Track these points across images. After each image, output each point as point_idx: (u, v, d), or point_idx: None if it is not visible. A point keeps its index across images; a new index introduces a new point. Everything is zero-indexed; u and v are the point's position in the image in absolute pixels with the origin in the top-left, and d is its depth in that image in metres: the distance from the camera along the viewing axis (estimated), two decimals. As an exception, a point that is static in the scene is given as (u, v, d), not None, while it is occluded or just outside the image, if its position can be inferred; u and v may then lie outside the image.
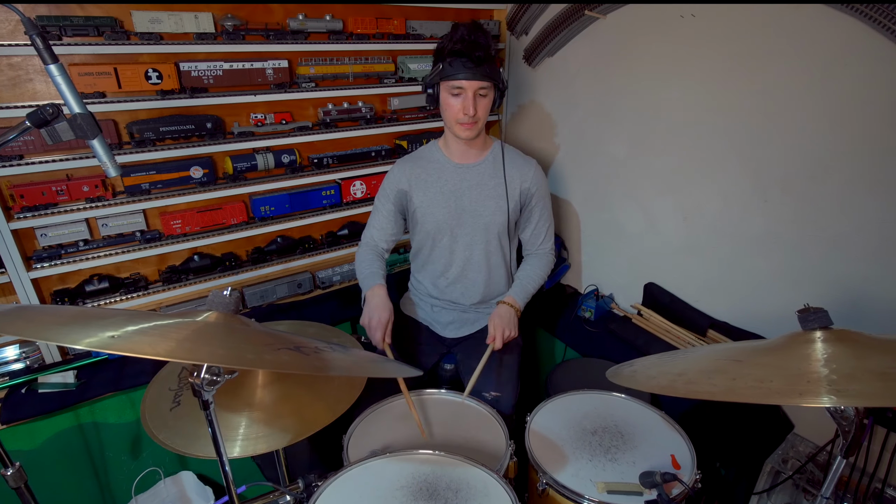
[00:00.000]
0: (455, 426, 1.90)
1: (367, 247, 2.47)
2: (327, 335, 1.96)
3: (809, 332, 1.20)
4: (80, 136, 1.35)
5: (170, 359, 0.96)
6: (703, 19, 2.20)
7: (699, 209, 2.42)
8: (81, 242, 2.32)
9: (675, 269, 2.61)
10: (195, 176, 2.48)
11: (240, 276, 2.73)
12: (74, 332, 0.99)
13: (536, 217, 2.42)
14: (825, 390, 0.98)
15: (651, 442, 1.80)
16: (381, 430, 1.89)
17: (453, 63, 2.07)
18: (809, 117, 1.96)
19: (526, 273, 2.42)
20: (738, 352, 1.27)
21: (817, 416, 2.06)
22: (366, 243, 2.49)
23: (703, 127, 2.31)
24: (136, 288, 2.49)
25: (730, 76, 2.16)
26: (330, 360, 1.27)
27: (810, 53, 1.91)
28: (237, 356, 1.06)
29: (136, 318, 1.11)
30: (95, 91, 2.18)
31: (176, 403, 1.56)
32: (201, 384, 1.11)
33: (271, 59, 2.53)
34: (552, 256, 2.53)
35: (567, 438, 1.82)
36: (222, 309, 1.24)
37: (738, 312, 2.37)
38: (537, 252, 2.49)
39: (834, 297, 2.00)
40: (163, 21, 2.24)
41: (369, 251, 2.44)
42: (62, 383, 2.21)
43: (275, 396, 1.58)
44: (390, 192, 2.39)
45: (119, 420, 2.34)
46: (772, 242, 2.18)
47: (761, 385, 1.05)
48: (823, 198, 1.99)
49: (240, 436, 1.47)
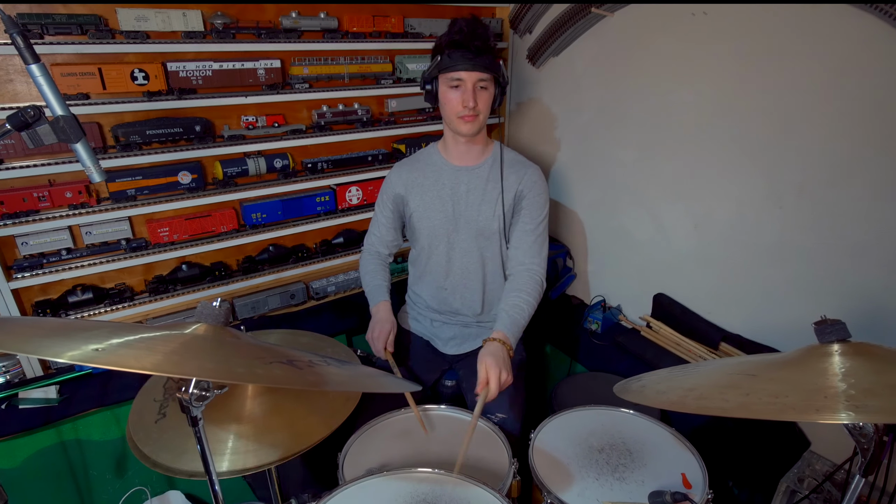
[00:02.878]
0: (456, 443, 1.88)
1: (370, 254, 2.50)
2: (321, 345, 1.96)
3: (826, 345, 1.20)
4: (62, 139, 1.35)
5: (157, 373, 0.97)
6: (716, 17, 2.21)
7: (711, 216, 2.43)
8: (64, 251, 2.33)
9: (685, 279, 2.62)
10: (183, 181, 2.48)
11: (230, 287, 2.74)
12: (57, 345, 0.98)
13: (522, 222, 2.28)
14: (843, 406, 0.97)
15: (661, 460, 1.79)
16: (379, 447, 1.88)
17: (452, 55, 2.08)
18: (827, 119, 1.97)
19: (513, 303, 2.17)
20: (751, 366, 1.27)
21: (835, 433, 2.05)
22: (367, 250, 2.52)
23: (715, 130, 2.32)
24: (121, 299, 2.49)
25: (743, 76, 2.17)
26: (325, 374, 1.27)
27: (828, 52, 1.92)
28: (227, 370, 1.06)
29: (121, 330, 1.11)
30: (79, 92, 2.19)
31: (161, 415, 1.56)
32: (190, 400, 1.11)
33: (263, 58, 2.54)
34: (537, 276, 2.26)
35: (573, 456, 1.82)
36: (211, 321, 1.24)
37: (752, 324, 2.38)
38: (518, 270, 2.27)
39: (852, 308, 2.00)
40: (149, 19, 2.25)
41: (372, 259, 2.48)
42: (44, 399, 2.21)
43: (265, 409, 1.57)
44: (388, 198, 2.40)
45: (103, 437, 2.33)
46: (787, 251, 2.18)
47: (776, 401, 1.04)
48: (841, 204, 1.99)
49: (228, 450, 1.47)
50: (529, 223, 2.28)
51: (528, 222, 2.28)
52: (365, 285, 2.42)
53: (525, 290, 2.19)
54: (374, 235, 2.48)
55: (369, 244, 2.51)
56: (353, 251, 3.08)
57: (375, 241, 2.48)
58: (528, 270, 2.25)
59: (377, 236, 2.47)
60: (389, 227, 2.44)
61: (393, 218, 2.42)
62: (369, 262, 2.47)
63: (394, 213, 2.41)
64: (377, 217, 2.46)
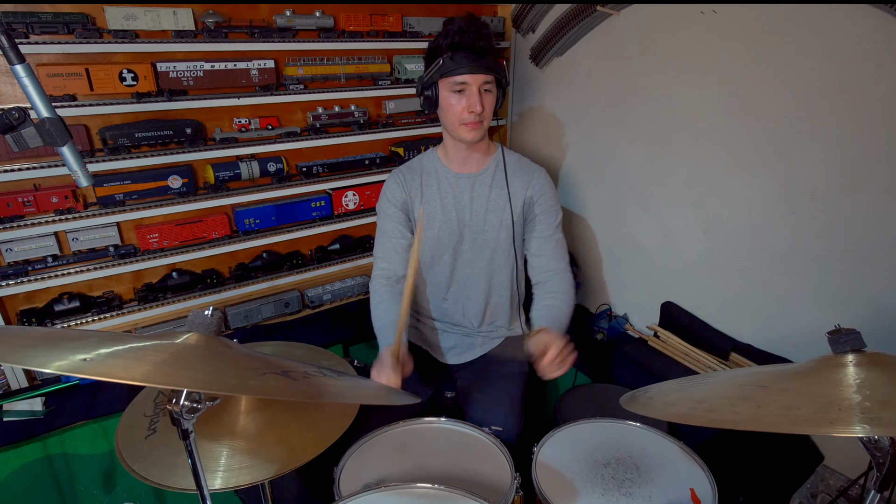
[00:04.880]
0: (456, 457, 1.89)
1: (381, 283, 2.29)
2: (317, 358, 1.96)
3: (840, 355, 1.19)
4: (48, 142, 1.35)
5: (146, 384, 0.96)
6: (726, 15, 2.21)
7: (721, 222, 2.43)
8: (50, 258, 2.33)
9: (694, 287, 2.62)
10: (173, 186, 2.49)
11: (222, 295, 2.74)
12: (42, 355, 0.98)
13: (540, 229, 2.31)
14: (858, 419, 0.97)
15: (669, 474, 1.79)
16: (376, 462, 1.87)
17: (454, 57, 2.01)
18: (841, 122, 1.97)
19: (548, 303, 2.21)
20: (762, 377, 1.27)
21: (849, 447, 2.06)
22: (377, 278, 2.31)
23: (725, 132, 2.32)
24: (109, 307, 2.49)
25: (754, 77, 2.18)
26: (320, 385, 1.27)
27: (842, 52, 1.92)
28: (219, 381, 1.06)
29: (109, 339, 1.11)
30: (65, 93, 2.20)
31: (152, 431, 1.56)
32: (180, 412, 1.11)
33: (256, 58, 2.55)
34: (568, 275, 2.30)
35: (577, 471, 1.82)
36: (203, 330, 1.24)
37: (763, 334, 2.38)
38: (547, 276, 2.30)
39: (867, 317, 2.00)
40: (138, 17, 2.25)
41: (386, 289, 2.27)
42: (29, 411, 2.21)
43: (259, 424, 1.58)
44: (394, 206, 2.29)
45: (91, 451, 2.33)
46: (800, 258, 2.18)
47: (788, 413, 1.04)
48: (856, 209, 1.99)
49: (221, 466, 1.47)
50: (546, 229, 2.30)
51: (544, 229, 2.30)
52: (376, 321, 2.20)
53: (559, 290, 2.24)
54: (384, 257, 2.30)
55: (379, 270, 2.31)
56: (350, 258, 3.08)
57: (386, 263, 2.29)
58: (557, 274, 2.29)
59: (388, 256, 2.29)
60: (403, 239, 2.29)
61: (404, 230, 2.30)
62: (383, 292, 2.26)
63: (404, 223, 2.30)
64: (385, 232, 2.31)
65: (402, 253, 2.27)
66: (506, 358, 2.42)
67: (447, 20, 2.06)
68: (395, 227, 2.29)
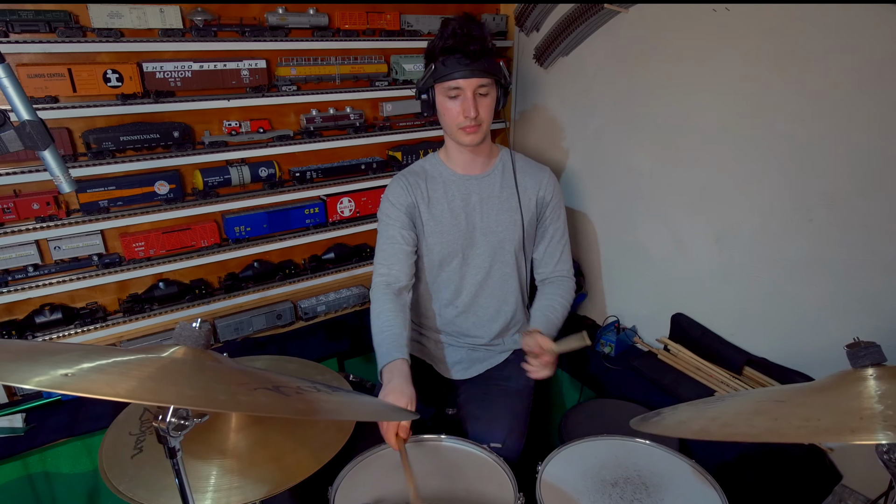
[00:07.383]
0: (456, 476, 1.89)
1: (381, 288, 2.22)
2: (311, 373, 1.96)
3: (860, 370, 1.19)
4: (29, 146, 1.36)
5: (131, 400, 0.97)
6: (739, 13, 2.21)
7: (734, 230, 2.43)
8: (31, 267, 2.33)
9: (706, 298, 2.61)
10: (160, 192, 2.49)
11: (211, 306, 2.74)
12: (22, 370, 0.98)
13: (550, 232, 2.40)
14: (881, 426, 0.97)
15: (679, 495, 1.79)
16: (372, 481, 1.87)
17: (447, 61, 2.05)
18: (860, 125, 1.97)
19: (547, 304, 2.33)
20: (779, 393, 1.27)
21: (869, 465, 2.05)
22: (378, 286, 2.24)
23: (738, 136, 2.32)
24: (92, 319, 2.49)
25: (769, 78, 2.18)
26: (314, 401, 1.27)
27: (861, 52, 1.92)
28: (208, 397, 1.06)
29: (92, 353, 1.11)
30: (47, 95, 2.20)
31: (138, 450, 1.56)
32: (167, 429, 1.11)
33: (247, 58, 2.56)
34: (572, 282, 2.46)
35: (584, 491, 1.81)
36: (191, 343, 1.24)
37: (779, 347, 2.37)
38: (552, 277, 2.44)
39: (888, 329, 1.99)
40: (123, 15, 2.26)
41: (388, 298, 2.19)
42: (9, 428, 2.21)
43: (250, 442, 1.57)
44: (397, 212, 2.26)
45: (73, 470, 2.33)
46: (817, 267, 2.18)
47: (807, 424, 1.04)
48: (876, 217, 1.99)
49: (210, 486, 1.46)
50: (556, 232, 2.41)
51: (554, 232, 2.41)
52: (376, 334, 2.13)
53: (559, 293, 2.38)
54: (385, 263, 2.24)
55: (379, 277, 2.24)
56: (345, 268, 3.08)
57: (387, 269, 2.23)
58: (561, 277, 2.45)
59: (390, 262, 2.24)
60: (408, 245, 2.26)
61: (410, 236, 2.26)
62: (384, 301, 2.18)
63: (410, 228, 2.27)
64: (387, 238, 2.26)
65: (404, 259, 2.25)
66: (511, 372, 2.42)
67: (443, 21, 2.10)
68: (399, 232, 2.26)
